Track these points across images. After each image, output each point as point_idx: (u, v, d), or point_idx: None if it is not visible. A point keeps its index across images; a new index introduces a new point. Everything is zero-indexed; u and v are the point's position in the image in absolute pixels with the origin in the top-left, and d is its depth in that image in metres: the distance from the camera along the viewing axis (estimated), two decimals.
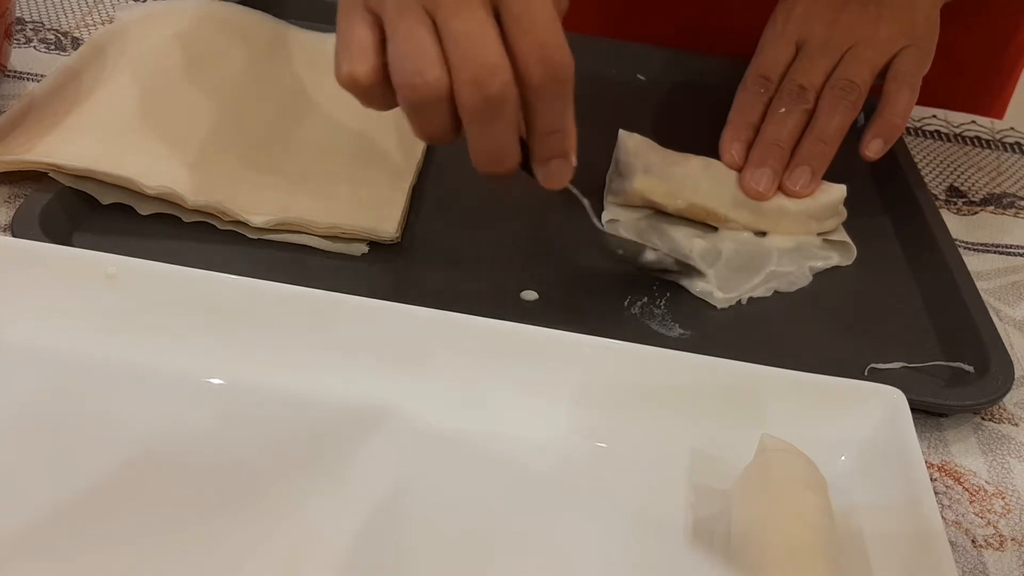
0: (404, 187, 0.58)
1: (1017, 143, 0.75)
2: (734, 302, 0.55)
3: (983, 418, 0.51)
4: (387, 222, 0.55)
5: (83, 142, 0.55)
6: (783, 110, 0.63)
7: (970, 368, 0.52)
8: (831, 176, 0.61)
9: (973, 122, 0.77)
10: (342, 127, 0.63)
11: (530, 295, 0.54)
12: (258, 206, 0.54)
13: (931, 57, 0.65)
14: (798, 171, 0.61)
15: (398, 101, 0.45)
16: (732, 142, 0.63)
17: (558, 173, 0.49)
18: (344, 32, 0.46)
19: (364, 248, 0.55)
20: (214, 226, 0.54)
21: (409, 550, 0.40)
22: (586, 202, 0.54)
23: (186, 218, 0.54)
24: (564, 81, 0.45)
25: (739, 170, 0.61)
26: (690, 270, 0.56)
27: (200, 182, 0.54)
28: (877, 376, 0.51)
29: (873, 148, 0.62)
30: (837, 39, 0.64)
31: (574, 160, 0.49)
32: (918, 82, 0.63)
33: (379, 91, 0.46)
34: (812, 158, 0.61)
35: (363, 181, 0.58)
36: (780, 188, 0.61)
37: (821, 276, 0.59)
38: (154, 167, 0.54)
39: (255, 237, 0.54)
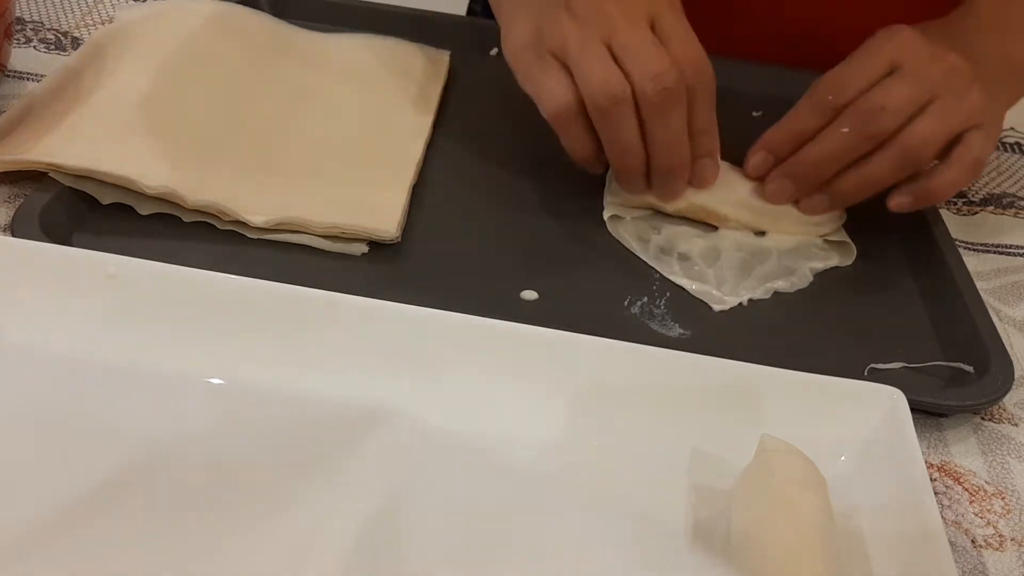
0: (404, 187, 0.58)
1: (1017, 143, 0.75)
2: (734, 304, 0.55)
3: (983, 418, 0.51)
4: (387, 222, 0.55)
5: (83, 142, 0.55)
6: (845, 130, 0.57)
7: (970, 368, 0.52)
8: None
9: None
10: (342, 127, 0.63)
11: (530, 295, 0.54)
12: (258, 206, 0.54)
13: (993, 148, 0.61)
14: (819, 200, 0.59)
15: (589, 111, 0.54)
16: (761, 152, 0.60)
17: (705, 171, 0.59)
18: (540, 79, 0.55)
19: (364, 248, 0.55)
20: (214, 226, 0.54)
21: (409, 550, 0.40)
22: None
23: (186, 218, 0.54)
24: (709, 84, 0.56)
25: (754, 179, 0.61)
26: None
27: (200, 182, 0.54)
28: (877, 376, 0.51)
29: (897, 202, 0.59)
30: (934, 76, 0.57)
31: (718, 160, 0.59)
32: (982, 167, 0.58)
33: (582, 120, 0.55)
34: (844, 196, 0.59)
35: (363, 181, 0.58)
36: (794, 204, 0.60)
37: (821, 276, 0.59)
38: (154, 167, 0.54)
39: (255, 237, 0.54)
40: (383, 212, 0.56)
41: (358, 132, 0.63)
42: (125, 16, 0.66)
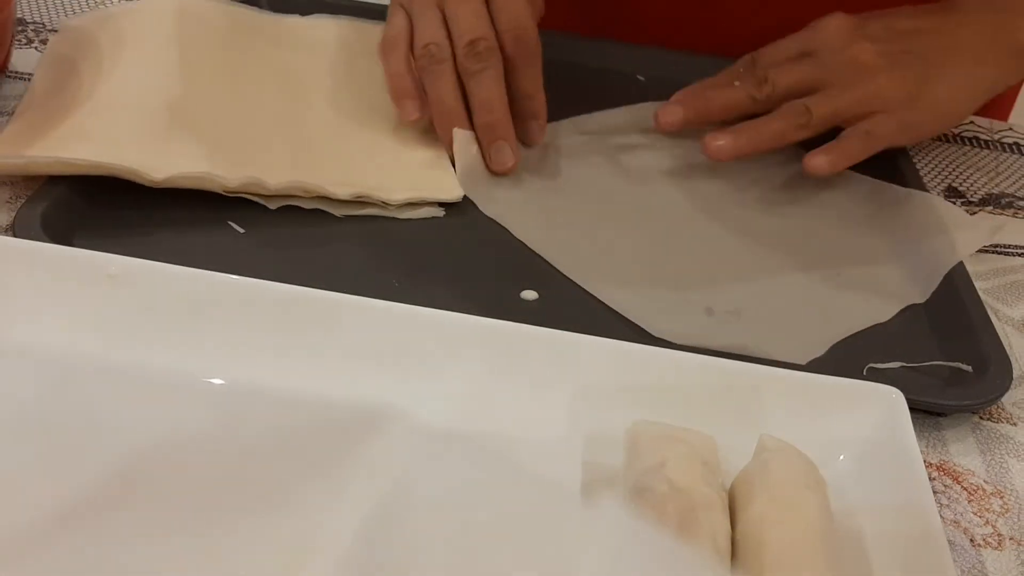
0: (440, 150, 0.61)
1: (1015, 143, 0.75)
2: None
3: (981, 418, 0.51)
4: (450, 184, 0.59)
5: (120, 143, 0.55)
6: (738, 84, 0.65)
7: (968, 368, 0.52)
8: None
9: (972, 122, 0.77)
10: (359, 108, 0.64)
11: (530, 295, 0.54)
12: (335, 181, 0.56)
13: (913, 139, 0.68)
14: (725, 142, 0.63)
15: (416, 67, 0.61)
16: (674, 104, 0.66)
17: (533, 132, 0.63)
18: (389, 18, 0.64)
19: (440, 212, 0.58)
20: (213, 227, 0.54)
21: (409, 550, 0.40)
22: None
23: (271, 205, 0.55)
24: (532, 51, 0.61)
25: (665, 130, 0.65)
26: None
27: (269, 170, 0.56)
28: (876, 376, 0.51)
29: (805, 162, 0.63)
30: (831, 64, 0.64)
31: (544, 122, 0.63)
32: (875, 142, 0.64)
33: (408, 61, 0.62)
34: (741, 142, 0.63)
35: (410, 148, 0.61)
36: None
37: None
38: (223, 165, 0.55)
39: (341, 215, 0.56)
40: (442, 174, 0.60)
41: (366, 112, 0.64)
42: (114, 10, 0.65)
